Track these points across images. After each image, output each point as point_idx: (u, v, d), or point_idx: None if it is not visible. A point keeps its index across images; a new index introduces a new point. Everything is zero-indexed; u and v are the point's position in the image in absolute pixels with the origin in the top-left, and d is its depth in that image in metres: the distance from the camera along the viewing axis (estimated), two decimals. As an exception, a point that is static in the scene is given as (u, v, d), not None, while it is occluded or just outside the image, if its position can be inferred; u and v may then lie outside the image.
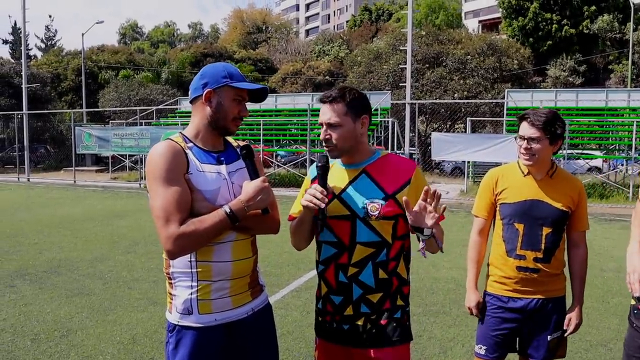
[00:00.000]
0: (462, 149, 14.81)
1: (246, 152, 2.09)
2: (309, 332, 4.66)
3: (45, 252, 7.70)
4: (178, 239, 1.84)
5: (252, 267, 2.10)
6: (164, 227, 1.86)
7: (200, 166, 1.98)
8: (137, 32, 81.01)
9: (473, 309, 2.78)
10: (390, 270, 2.15)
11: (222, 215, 1.89)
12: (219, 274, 1.98)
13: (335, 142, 2.11)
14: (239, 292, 2.04)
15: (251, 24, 62.76)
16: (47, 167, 27.56)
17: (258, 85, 2.08)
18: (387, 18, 58.80)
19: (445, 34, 28.41)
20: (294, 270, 6.75)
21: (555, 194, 2.59)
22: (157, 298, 5.57)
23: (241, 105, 2.06)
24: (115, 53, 43.19)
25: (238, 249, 2.02)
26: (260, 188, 1.95)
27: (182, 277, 1.99)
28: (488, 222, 2.76)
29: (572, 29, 36.99)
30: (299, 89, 38.60)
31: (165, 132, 18.85)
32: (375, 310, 2.14)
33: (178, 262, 1.97)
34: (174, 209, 1.86)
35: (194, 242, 1.87)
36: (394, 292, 2.17)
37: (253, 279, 2.12)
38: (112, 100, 31.36)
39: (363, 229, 2.11)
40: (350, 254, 2.12)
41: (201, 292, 1.97)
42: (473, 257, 2.81)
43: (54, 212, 12.09)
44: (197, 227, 1.85)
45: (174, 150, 1.95)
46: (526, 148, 2.53)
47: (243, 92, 2.05)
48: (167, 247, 1.86)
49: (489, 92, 25.06)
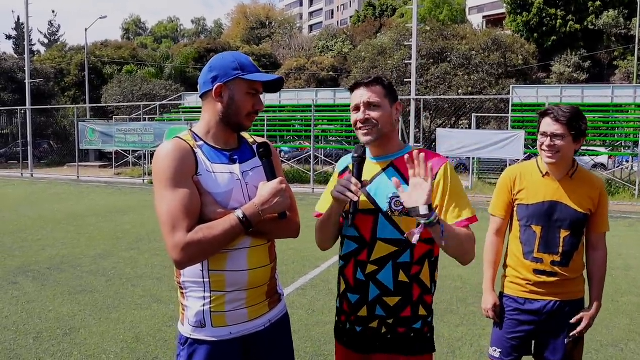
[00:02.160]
0: (467, 145, 14.70)
1: (264, 151, 1.92)
2: (315, 331, 4.60)
3: (49, 249, 7.65)
4: (185, 247, 1.69)
5: (270, 275, 1.94)
6: (170, 234, 1.71)
7: (210, 166, 1.83)
8: (140, 27, 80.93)
9: (490, 312, 2.69)
10: (413, 274, 2.00)
11: (234, 221, 1.74)
12: (233, 284, 1.83)
13: (376, 121, 1.98)
14: (256, 303, 1.89)
15: (255, 20, 62.59)
16: (50, 163, 27.55)
17: (273, 76, 1.91)
18: (390, 13, 58.55)
19: (449, 29, 28.26)
20: (300, 267, 6.68)
21: (575, 195, 2.48)
22: (161, 296, 5.51)
23: (255, 99, 1.89)
24: (118, 48, 43.20)
25: (254, 256, 1.86)
26: (277, 190, 1.80)
27: (193, 287, 1.85)
28: (505, 222, 2.66)
29: (577, 25, 36.79)
30: (303, 85, 38.50)
31: (169, 127, 18.80)
32: (392, 314, 2.01)
33: (189, 271, 1.83)
34: (181, 215, 1.71)
35: (203, 250, 1.72)
36: (417, 300, 2.03)
37: (271, 288, 1.96)
38: (115, 96, 31.35)
39: (385, 224, 1.98)
40: (370, 250, 2.00)
41: (214, 304, 1.83)
42: (490, 258, 2.72)
43: (58, 208, 12.05)
44: (206, 235, 1.70)
45: (181, 149, 1.80)
46: (549, 145, 2.42)
47: (257, 84, 1.88)
48: (174, 256, 1.71)
49: (493, 88, 24.92)
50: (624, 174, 18.96)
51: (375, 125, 1.98)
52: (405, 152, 2.05)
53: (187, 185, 1.76)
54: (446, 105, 24.66)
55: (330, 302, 5.39)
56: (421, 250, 2.02)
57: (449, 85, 24.91)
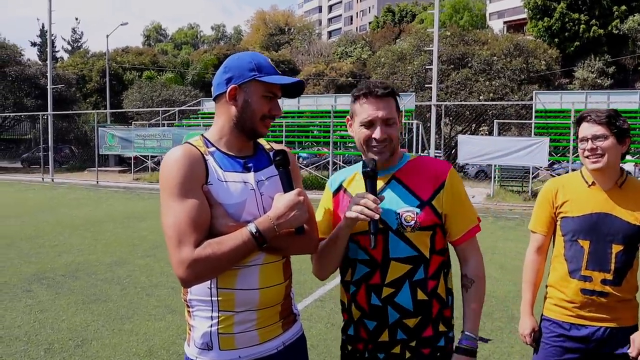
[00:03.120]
0: (490, 152, 14.39)
1: (280, 159, 1.72)
2: (335, 347, 4.40)
3: (65, 255, 7.57)
4: (192, 264, 1.53)
5: (284, 294, 1.76)
6: (175, 250, 1.55)
7: (222, 175, 1.67)
8: (161, 34, 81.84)
9: (527, 337, 2.46)
10: (430, 290, 1.84)
11: (246, 236, 1.57)
12: (243, 303, 1.66)
13: (394, 142, 1.84)
14: (268, 324, 1.72)
15: (274, 26, 62.87)
16: (71, 168, 27.79)
17: (292, 78, 1.73)
18: (410, 19, 58.32)
19: (470, 34, 27.93)
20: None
21: (627, 205, 2.24)
22: (176, 306, 5.36)
23: (272, 103, 1.72)
24: (139, 54, 43.63)
25: (267, 273, 1.69)
26: (294, 203, 1.63)
27: (200, 306, 1.68)
28: (547, 238, 2.44)
29: (601, 30, 36.11)
30: (322, 91, 38.44)
31: (188, 133, 18.81)
32: (413, 336, 1.84)
33: (196, 289, 1.67)
34: (187, 229, 1.55)
35: (211, 268, 1.56)
36: (436, 317, 1.86)
37: (285, 308, 1.78)
38: (135, 101, 31.59)
39: (397, 242, 1.81)
40: (384, 272, 1.82)
41: (222, 325, 1.66)
42: (530, 278, 2.48)
43: (76, 213, 12.04)
44: (214, 251, 1.54)
45: (190, 156, 1.64)
46: (592, 148, 2.23)
47: (274, 88, 1.71)
48: (179, 273, 1.55)
49: (515, 93, 24.51)
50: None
51: (391, 142, 1.83)
52: (405, 161, 1.93)
53: (196, 196, 1.59)
54: (467, 112, 24.32)
55: (350, 314, 5.19)
56: (436, 263, 1.87)
57: (469, 91, 24.57)
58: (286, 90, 1.76)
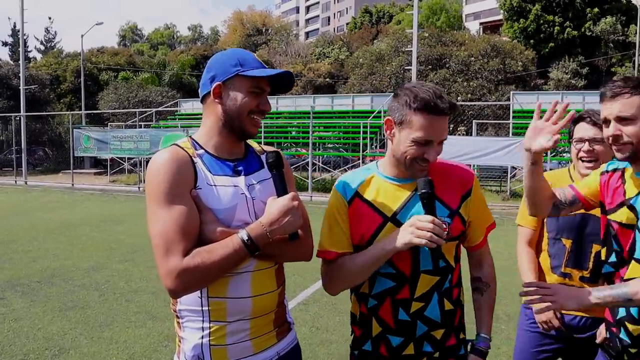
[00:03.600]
0: (468, 152, 14.48)
1: (273, 161, 1.65)
2: (321, 351, 4.33)
3: (39, 260, 7.35)
4: (181, 274, 1.45)
5: (277, 301, 1.69)
6: (163, 259, 1.47)
7: (212, 178, 1.59)
8: (136, 34, 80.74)
9: (553, 320, 2.36)
10: (455, 299, 1.80)
11: (237, 244, 1.50)
12: (235, 312, 1.58)
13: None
14: (262, 334, 1.65)
15: (251, 26, 62.48)
16: (45, 170, 27.19)
17: (277, 70, 1.64)
18: (387, 20, 58.57)
19: (448, 35, 28.15)
20: (301, 280, 6.39)
21: None
22: (156, 312, 5.23)
23: (260, 98, 1.63)
24: (114, 55, 42.93)
25: (259, 280, 1.62)
26: (287, 208, 1.55)
27: (191, 317, 1.60)
28: (536, 233, 2.47)
29: (575, 31, 36.76)
30: (300, 91, 38.37)
31: (165, 134, 18.55)
32: (438, 347, 1.77)
33: (186, 299, 1.59)
34: (175, 237, 1.48)
35: (201, 278, 1.49)
36: (457, 325, 1.82)
37: (279, 316, 1.71)
38: (111, 102, 31.06)
39: (428, 255, 1.71)
40: (413, 286, 1.72)
41: (214, 336, 1.58)
42: (528, 266, 2.46)
43: (50, 216, 11.75)
44: (204, 260, 1.47)
45: (178, 159, 1.56)
46: (588, 151, 2.26)
47: (261, 82, 1.62)
48: (168, 284, 1.47)
49: (492, 94, 24.78)
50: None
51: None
52: None
53: (184, 202, 1.51)
54: (445, 112, 24.48)
55: (335, 317, 5.13)
56: (458, 271, 1.83)
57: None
58: (275, 84, 1.68)
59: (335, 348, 4.40)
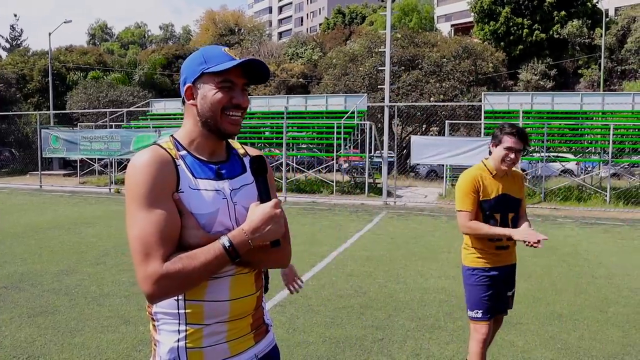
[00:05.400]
0: (442, 152, 14.62)
1: (258, 167, 1.62)
2: (298, 352, 4.30)
3: (6, 265, 7.13)
4: (160, 279, 1.42)
5: (255, 304, 1.67)
6: (142, 264, 1.43)
7: (194, 182, 1.55)
8: (106, 33, 79.39)
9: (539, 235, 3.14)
10: None
11: (218, 250, 1.46)
12: (213, 315, 1.56)
13: None
14: (239, 336, 1.63)
15: (224, 26, 61.97)
16: (11, 172, 26.50)
17: (241, 59, 1.56)
18: (360, 21, 58.86)
19: (420, 36, 28.35)
20: (277, 281, 6.28)
21: (513, 187, 3.43)
22: (130, 316, 5.11)
23: (232, 92, 1.58)
24: (84, 54, 42.05)
25: (238, 284, 1.60)
26: (270, 216, 1.52)
27: (167, 319, 1.57)
28: (473, 213, 3.36)
29: (543, 34, 37.47)
30: (273, 92, 38.20)
31: (136, 135, 18.24)
32: None
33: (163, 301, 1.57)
34: (155, 241, 1.44)
35: (181, 284, 1.45)
36: None
37: (257, 319, 1.70)
38: (80, 102, 30.41)
39: None
40: None
41: (190, 339, 1.55)
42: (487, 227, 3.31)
43: (18, 219, 11.43)
44: (185, 266, 1.43)
45: (160, 160, 1.51)
46: (514, 157, 3.32)
47: (230, 75, 1.56)
48: (146, 289, 1.44)
49: (464, 95, 25.07)
50: (594, 180, 19.20)
51: None
52: None
53: (165, 205, 1.47)
54: (418, 113, 24.67)
55: (312, 319, 5.10)
56: None
57: (420, 92, 24.95)
58: (250, 75, 1.61)
59: (313, 349, 4.36)
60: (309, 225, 11.22)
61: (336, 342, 4.54)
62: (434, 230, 10.85)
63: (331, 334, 4.73)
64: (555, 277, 6.87)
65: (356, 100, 20.58)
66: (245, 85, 1.61)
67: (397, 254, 8.21)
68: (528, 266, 7.13)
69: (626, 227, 11.56)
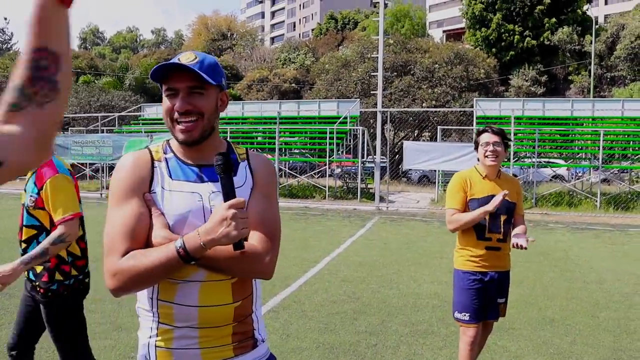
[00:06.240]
0: (434, 157, 14.68)
1: (221, 163, 1.48)
2: (291, 358, 4.29)
3: (-3, 270, 7.06)
4: (116, 274, 1.47)
5: (233, 316, 1.60)
6: (105, 258, 1.51)
7: (168, 183, 1.57)
8: (98, 37, 79.22)
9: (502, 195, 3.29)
10: None
11: (170, 251, 1.44)
12: (182, 319, 1.55)
13: None
14: (214, 345, 1.58)
15: (216, 31, 61.97)
16: (1, 176, 26.27)
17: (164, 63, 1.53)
18: (352, 27, 59.05)
19: (412, 42, 28.51)
20: (269, 287, 6.32)
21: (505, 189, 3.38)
22: (122, 322, 5.08)
23: (175, 99, 1.55)
24: (75, 57, 41.90)
25: (209, 292, 1.55)
26: (221, 217, 1.42)
27: (144, 315, 1.62)
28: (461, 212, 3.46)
29: (534, 40, 37.79)
30: (265, 97, 38.21)
31: (128, 139, 18.19)
32: None
33: (141, 298, 1.62)
34: (119, 237, 1.50)
35: (134, 280, 1.47)
36: None
37: (240, 332, 1.63)
38: (71, 107, 30.32)
39: None
40: None
41: (161, 337, 1.58)
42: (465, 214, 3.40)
43: (8, 224, 11.34)
44: (136, 263, 1.45)
45: (137, 162, 1.59)
46: (493, 150, 3.38)
47: (172, 82, 1.54)
48: (107, 283, 1.50)
49: (456, 101, 25.21)
50: (585, 185, 19.34)
51: None
52: None
53: (135, 204, 1.53)
54: (410, 118, 24.77)
55: (305, 324, 5.09)
56: None
57: (412, 98, 25.07)
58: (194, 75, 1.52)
59: (307, 355, 4.36)
60: (301, 230, 11.21)
61: (330, 347, 4.53)
62: (426, 236, 10.88)
63: (325, 339, 4.72)
64: (547, 282, 6.91)
65: (349, 105, 20.65)
66: (194, 89, 1.55)
67: (389, 259, 8.23)
68: (520, 271, 7.17)
69: (616, 232, 11.66)
